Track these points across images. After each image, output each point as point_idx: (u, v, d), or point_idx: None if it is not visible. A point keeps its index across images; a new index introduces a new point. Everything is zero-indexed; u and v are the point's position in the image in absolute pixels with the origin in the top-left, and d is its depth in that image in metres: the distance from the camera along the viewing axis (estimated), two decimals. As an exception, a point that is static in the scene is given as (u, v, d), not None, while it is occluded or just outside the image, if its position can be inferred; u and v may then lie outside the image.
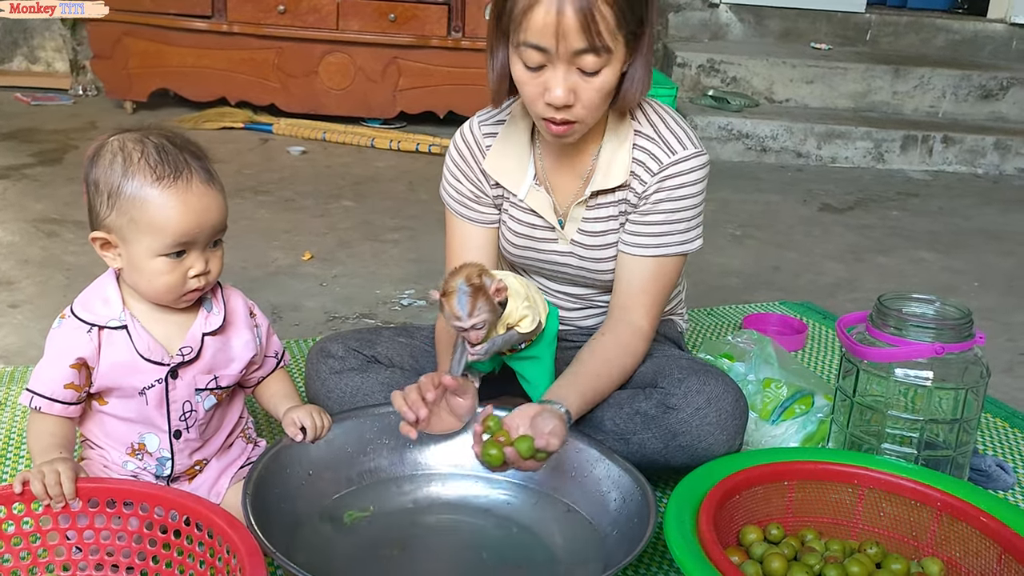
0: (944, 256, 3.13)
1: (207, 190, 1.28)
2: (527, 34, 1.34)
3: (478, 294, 1.36)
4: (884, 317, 1.54)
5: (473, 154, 1.61)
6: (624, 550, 1.32)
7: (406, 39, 4.39)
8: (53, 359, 1.29)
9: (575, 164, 1.57)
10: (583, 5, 1.30)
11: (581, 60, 1.35)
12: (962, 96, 4.72)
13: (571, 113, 1.40)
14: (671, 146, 1.51)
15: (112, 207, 1.25)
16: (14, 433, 1.70)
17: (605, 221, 1.57)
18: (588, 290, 1.66)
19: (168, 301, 1.31)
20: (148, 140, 1.27)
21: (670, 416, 1.45)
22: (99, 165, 1.26)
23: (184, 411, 1.34)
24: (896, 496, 1.40)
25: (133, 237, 1.26)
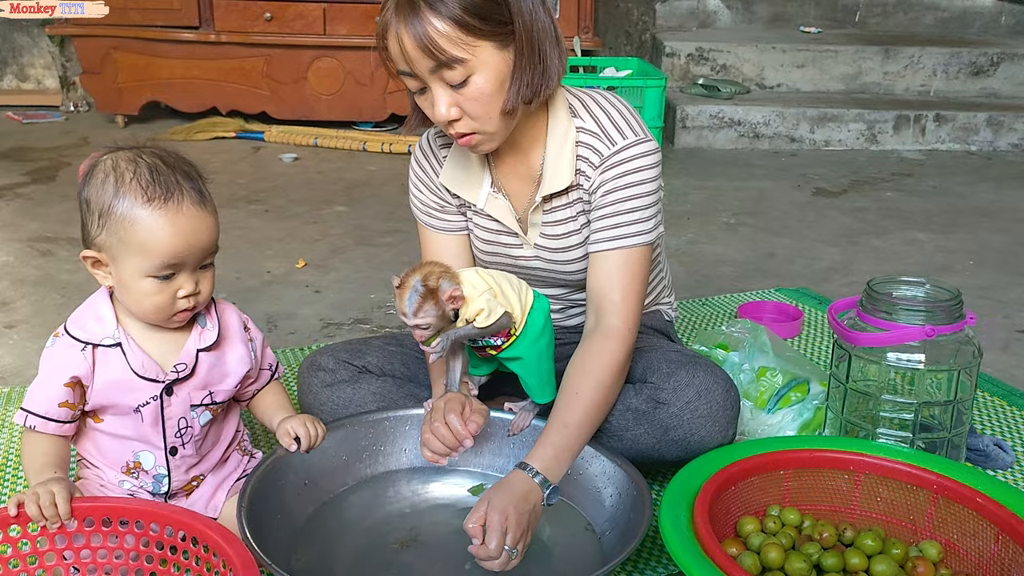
0: (939, 236, 3.13)
1: (198, 212, 1.27)
2: (391, 63, 1.39)
3: (428, 296, 1.35)
4: (874, 302, 1.54)
5: (432, 165, 1.62)
6: (620, 546, 1.32)
7: (394, 41, 4.38)
8: (47, 378, 1.29)
9: (526, 169, 1.56)
10: (417, 29, 1.32)
11: (443, 75, 1.36)
12: (953, 73, 4.72)
13: (464, 125, 1.41)
14: (612, 137, 1.49)
15: (103, 226, 1.25)
16: (12, 453, 1.70)
17: (564, 223, 1.56)
18: (563, 290, 1.66)
19: (157, 321, 1.31)
20: (141, 159, 1.26)
21: (661, 411, 1.45)
22: (92, 184, 1.26)
23: (180, 427, 1.34)
24: (892, 480, 1.40)
25: (122, 257, 1.26)
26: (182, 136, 4.30)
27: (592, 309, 1.51)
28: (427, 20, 1.32)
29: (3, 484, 1.62)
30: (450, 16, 1.32)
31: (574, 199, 1.54)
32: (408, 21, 1.33)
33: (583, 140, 1.50)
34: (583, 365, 1.44)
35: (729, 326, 1.99)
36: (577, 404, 1.42)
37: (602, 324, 1.47)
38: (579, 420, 1.41)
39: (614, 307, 1.47)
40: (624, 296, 1.48)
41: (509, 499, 1.31)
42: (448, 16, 1.32)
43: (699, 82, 4.55)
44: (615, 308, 1.47)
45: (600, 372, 1.43)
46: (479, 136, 1.43)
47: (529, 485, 1.34)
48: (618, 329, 1.46)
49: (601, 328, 1.46)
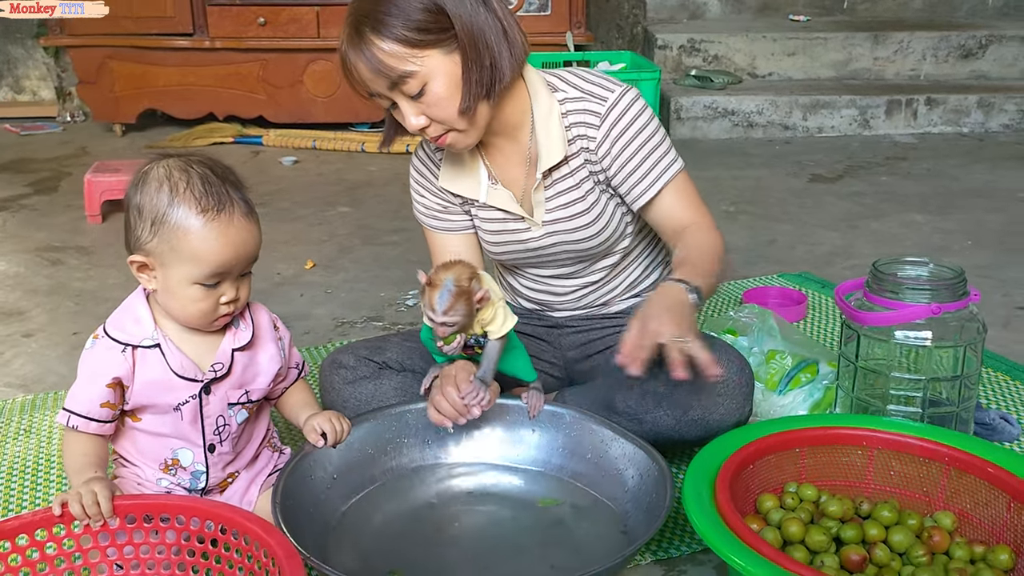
0: (936, 217, 3.18)
1: (247, 223, 1.31)
2: (355, 86, 1.47)
3: (461, 296, 1.39)
4: (880, 282, 1.58)
5: (430, 169, 1.70)
6: (644, 525, 1.36)
7: (388, 42, 4.41)
8: (88, 379, 1.33)
9: (518, 154, 1.63)
10: (365, 55, 1.41)
11: (401, 90, 1.44)
12: (942, 57, 4.76)
13: (435, 129, 1.49)
14: (599, 95, 1.57)
15: (155, 233, 1.28)
16: (42, 458, 1.74)
17: (569, 192, 1.62)
18: (579, 265, 1.71)
19: (199, 326, 1.35)
20: (193, 169, 1.30)
21: (679, 392, 1.49)
22: (145, 191, 1.29)
23: (218, 425, 1.38)
24: (904, 454, 1.44)
25: (172, 264, 1.29)
26: (181, 143, 4.32)
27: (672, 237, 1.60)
28: (373, 44, 1.41)
29: (35, 487, 1.65)
30: (392, 36, 1.41)
31: (576, 166, 1.60)
32: (357, 48, 1.42)
33: (571, 108, 1.58)
34: (686, 240, 1.55)
35: (737, 311, 2.04)
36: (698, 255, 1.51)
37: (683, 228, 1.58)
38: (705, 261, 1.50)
39: (693, 223, 1.58)
40: (695, 216, 1.59)
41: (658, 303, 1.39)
42: (390, 36, 1.40)
43: (692, 73, 4.59)
44: (694, 223, 1.58)
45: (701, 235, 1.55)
46: (453, 135, 1.51)
47: (674, 288, 1.42)
48: (700, 223, 1.58)
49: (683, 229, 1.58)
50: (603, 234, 1.65)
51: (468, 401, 1.47)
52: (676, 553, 1.45)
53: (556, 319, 1.79)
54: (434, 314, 1.41)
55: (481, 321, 1.45)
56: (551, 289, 1.75)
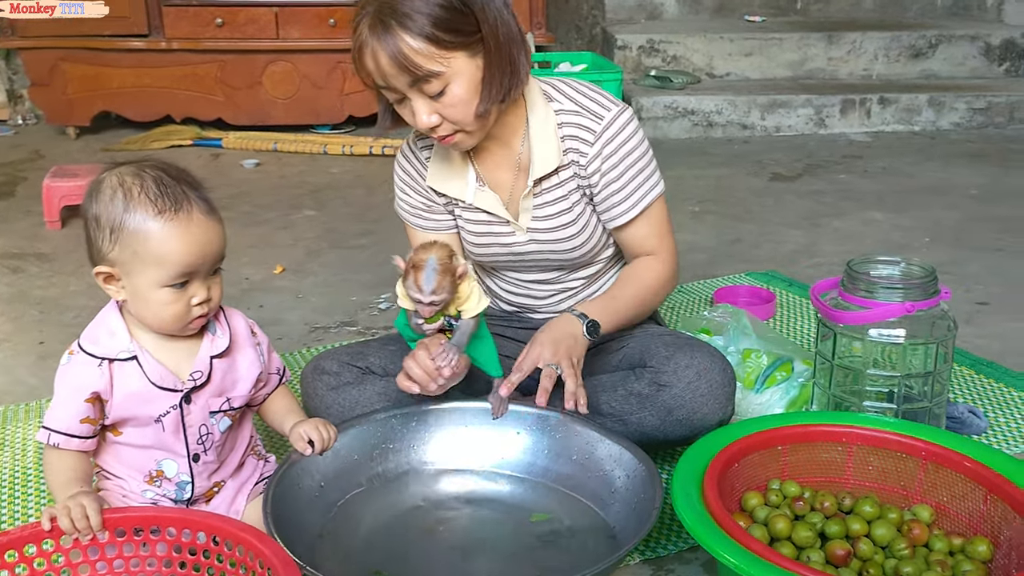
0: (894, 215, 3.24)
1: (207, 220, 1.31)
2: (368, 78, 1.46)
3: (446, 274, 1.43)
4: (854, 281, 1.62)
5: (416, 168, 1.71)
6: (633, 526, 1.38)
7: (348, 43, 4.36)
8: (67, 395, 1.31)
9: (508, 159, 1.65)
10: (391, 48, 1.40)
11: (422, 88, 1.44)
12: (893, 57, 4.86)
13: (445, 129, 1.50)
14: (595, 112, 1.60)
15: (115, 242, 1.28)
16: (18, 471, 1.71)
17: (557, 203, 1.64)
18: (557, 272, 1.73)
19: (174, 330, 1.33)
20: (146, 173, 1.29)
21: (664, 393, 1.51)
22: (99, 201, 1.28)
23: (201, 434, 1.37)
24: (882, 450, 1.48)
25: (137, 270, 1.28)
26: (138, 146, 4.26)
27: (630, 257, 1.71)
28: (400, 38, 1.39)
29: (13, 501, 1.62)
30: (421, 33, 1.39)
31: (566, 177, 1.63)
32: (382, 40, 1.40)
33: (566, 121, 1.60)
34: (631, 271, 1.68)
35: (711, 311, 2.07)
36: (624, 291, 1.65)
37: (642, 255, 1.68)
38: (625, 299, 1.64)
39: (654, 251, 1.67)
40: (660, 242, 1.68)
41: (548, 331, 1.56)
42: (419, 33, 1.39)
43: (651, 73, 4.64)
44: (655, 251, 1.67)
45: (646, 275, 1.67)
46: (460, 135, 1.53)
47: (568, 319, 1.58)
48: (658, 257, 1.67)
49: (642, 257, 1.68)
50: (586, 245, 1.67)
51: (439, 362, 1.48)
52: (664, 552, 1.47)
53: (536, 322, 1.80)
54: (422, 294, 1.43)
55: (457, 300, 1.48)
56: (530, 293, 1.77)
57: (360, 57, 1.44)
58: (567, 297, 1.76)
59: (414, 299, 1.45)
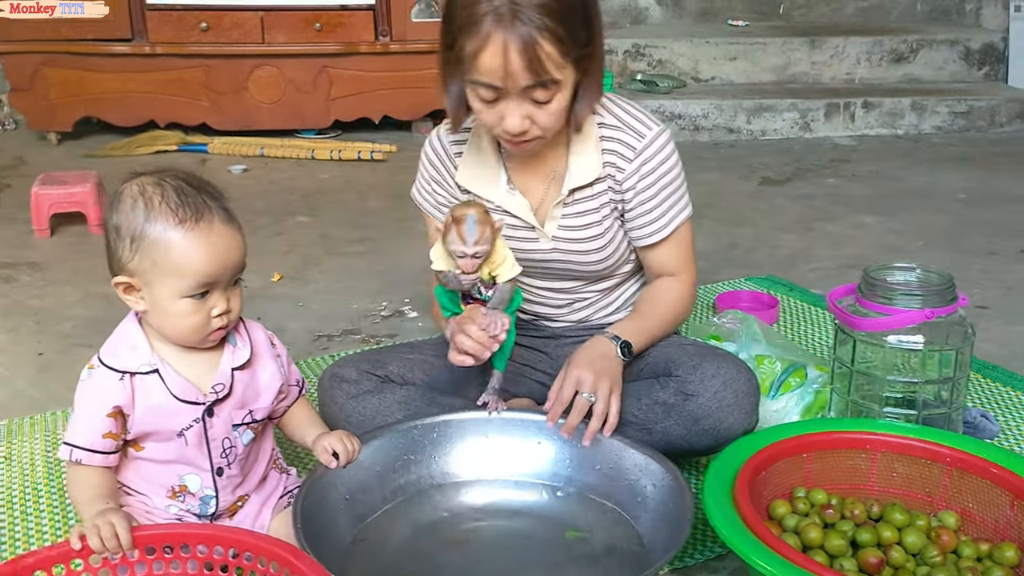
0: (885, 219, 3.27)
1: (228, 230, 1.29)
2: (478, 74, 1.43)
3: (486, 224, 1.44)
4: (872, 288, 1.63)
5: (444, 164, 1.71)
6: (664, 537, 1.38)
7: (334, 47, 4.37)
8: (88, 410, 1.29)
9: (543, 166, 1.66)
10: (526, 47, 1.39)
11: (532, 93, 1.44)
12: (876, 61, 4.91)
13: (530, 134, 1.51)
14: (637, 131, 1.61)
15: (135, 251, 1.26)
16: (28, 487, 1.67)
17: (586, 215, 1.65)
18: (574, 283, 1.73)
19: (194, 342, 1.31)
20: (166, 183, 1.28)
21: (690, 403, 1.51)
22: (120, 210, 1.27)
23: (224, 447, 1.35)
24: (907, 456, 1.49)
25: (157, 280, 1.27)
26: (122, 151, 4.21)
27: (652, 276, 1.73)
28: (536, 40, 1.38)
29: (26, 518, 1.59)
30: (557, 40, 1.40)
31: (600, 191, 1.63)
32: (516, 36, 1.38)
33: (606, 135, 1.60)
34: (655, 291, 1.70)
35: (720, 317, 2.07)
36: (651, 310, 1.66)
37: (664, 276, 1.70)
38: (653, 318, 1.65)
39: (676, 273, 1.69)
40: (679, 268, 1.69)
41: (584, 354, 1.55)
42: (555, 40, 1.40)
43: (638, 78, 4.65)
44: (677, 273, 1.69)
45: (669, 295, 1.68)
46: (537, 141, 1.54)
47: (602, 342, 1.57)
48: (680, 278, 1.69)
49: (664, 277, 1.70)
50: (609, 259, 1.68)
51: (490, 331, 1.48)
52: (691, 562, 1.47)
53: (552, 329, 1.80)
54: (465, 246, 1.44)
55: (491, 263, 1.49)
56: (545, 301, 1.76)
57: (481, 48, 1.39)
58: (583, 307, 1.76)
59: (457, 252, 1.45)
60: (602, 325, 1.77)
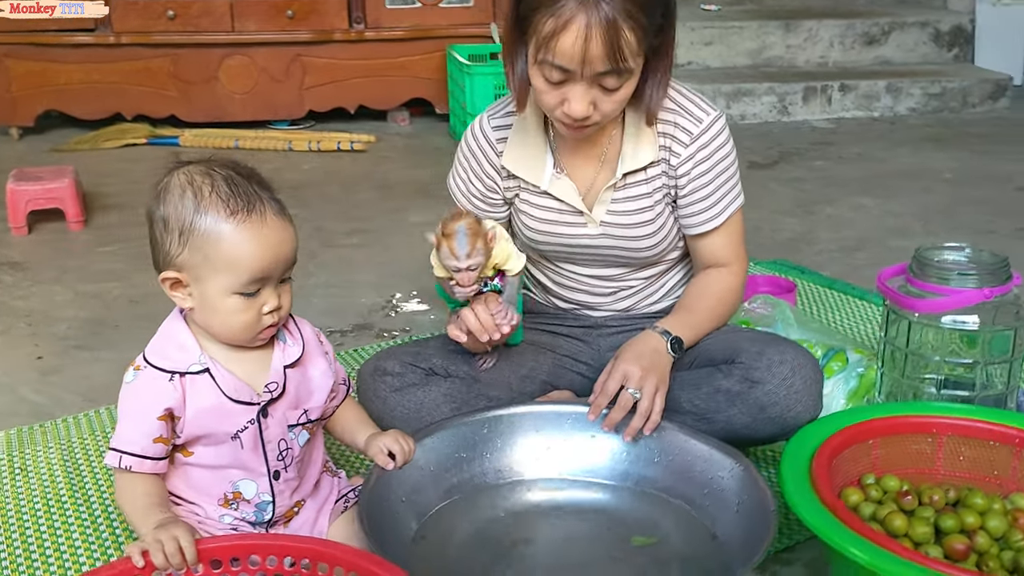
0: (881, 200, 3.27)
1: (280, 223, 1.21)
2: (552, 55, 1.38)
3: (477, 237, 1.42)
4: (925, 268, 1.60)
5: (484, 152, 1.65)
6: (740, 530, 1.33)
7: (307, 35, 4.26)
8: (137, 414, 1.21)
9: (594, 149, 1.60)
10: (610, 34, 1.34)
11: (603, 79, 1.40)
12: (849, 44, 4.93)
13: (588, 120, 1.46)
14: (695, 115, 1.56)
15: (184, 244, 1.18)
16: (52, 499, 1.57)
17: (638, 200, 1.59)
18: (621, 270, 1.68)
19: (243, 340, 1.24)
20: (216, 172, 1.20)
21: (756, 390, 1.46)
22: (168, 201, 1.19)
23: (280, 449, 1.28)
24: (974, 439, 1.46)
25: (207, 275, 1.19)
26: (89, 145, 4.06)
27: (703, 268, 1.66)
28: (620, 27, 1.34)
29: (54, 533, 1.49)
30: (639, 29, 1.36)
31: (653, 175, 1.58)
32: (600, 23, 1.34)
33: (664, 118, 1.56)
34: (704, 283, 1.64)
35: (751, 302, 2.03)
36: (701, 303, 1.61)
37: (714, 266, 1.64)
38: (702, 312, 1.60)
39: (726, 262, 1.64)
40: (730, 258, 1.64)
41: (631, 349, 1.50)
42: (637, 29, 1.36)
43: (616, 63, 4.60)
44: (727, 262, 1.64)
45: (719, 287, 1.62)
46: (594, 127, 1.49)
47: (652, 337, 1.53)
48: (731, 269, 1.64)
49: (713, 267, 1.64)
50: (659, 245, 1.63)
51: (498, 320, 1.48)
52: (764, 553, 1.43)
53: (594, 319, 1.74)
54: (458, 261, 1.42)
55: (496, 261, 1.48)
56: (588, 289, 1.71)
57: (561, 28, 1.34)
58: (628, 295, 1.71)
59: (451, 267, 1.44)
60: (646, 314, 1.72)
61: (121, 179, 3.59)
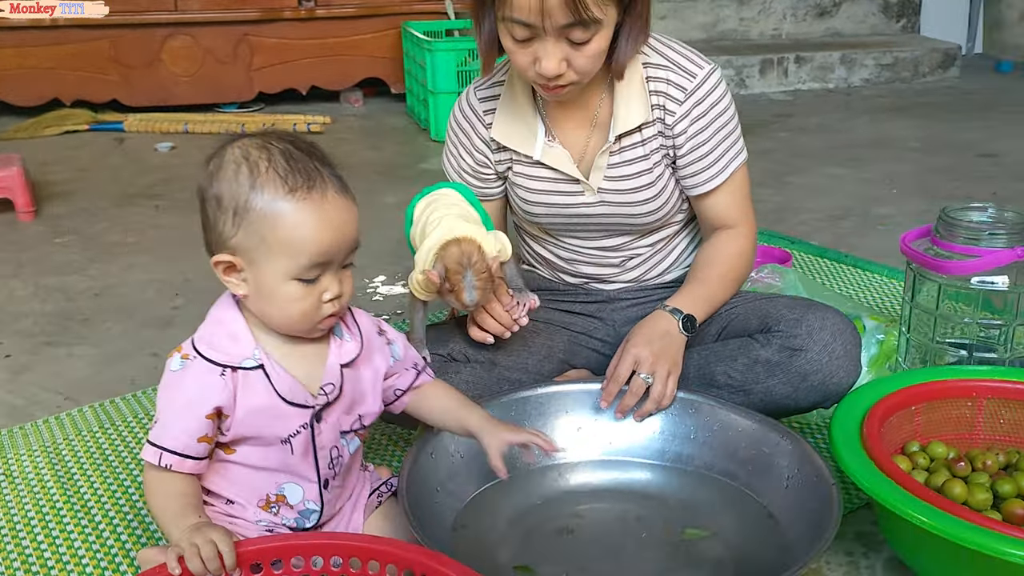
0: (852, 169, 3.26)
1: (343, 201, 1.09)
2: (512, 10, 1.32)
3: (484, 280, 1.37)
4: (952, 228, 1.57)
5: (473, 126, 1.59)
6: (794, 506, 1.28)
7: (254, 13, 4.10)
8: (182, 408, 1.09)
9: (585, 113, 1.54)
10: None
11: (570, 32, 1.33)
12: (800, 16, 4.94)
13: (566, 79, 1.40)
14: (687, 70, 1.50)
15: (239, 225, 1.06)
16: (46, 508, 1.45)
17: (635, 163, 1.53)
18: (624, 238, 1.61)
19: (301, 331, 1.12)
20: (272, 145, 1.08)
21: (798, 358, 1.41)
22: (221, 178, 1.08)
23: (331, 457, 1.17)
24: (1013, 401, 1.43)
25: (264, 259, 1.07)
26: (27, 133, 3.85)
27: (711, 230, 1.59)
28: None
29: (36, 543, 1.37)
30: None
31: (649, 136, 1.52)
32: None
33: (655, 75, 1.49)
34: (713, 249, 1.57)
35: (757, 272, 1.98)
36: (711, 272, 1.53)
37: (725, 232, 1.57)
38: (714, 281, 1.53)
39: (734, 221, 1.57)
40: (738, 218, 1.57)
41: (641, 332, 1.45)
42: None
43: (572, 39, 4.53)
44: (735, 222, 1.57)
45: (729, 250, 1.55)
46: (572, 88, 1.41)
47: (662, 317, 1.46)
48: (739, 230, 1.57)
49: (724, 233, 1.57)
50: (661, 209, 1.56)
51: (515, 315, 1.46)
52: (812, 528, 1.38)
53: (607, 292, 1.67)
54: (466, 307, 1.39)
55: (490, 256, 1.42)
56: (594, 260, 1.64)
57: None
58: (636, 264, 1.64)
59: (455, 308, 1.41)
60: (658, 285, 1.66)
61: (67, 167, 3.41)
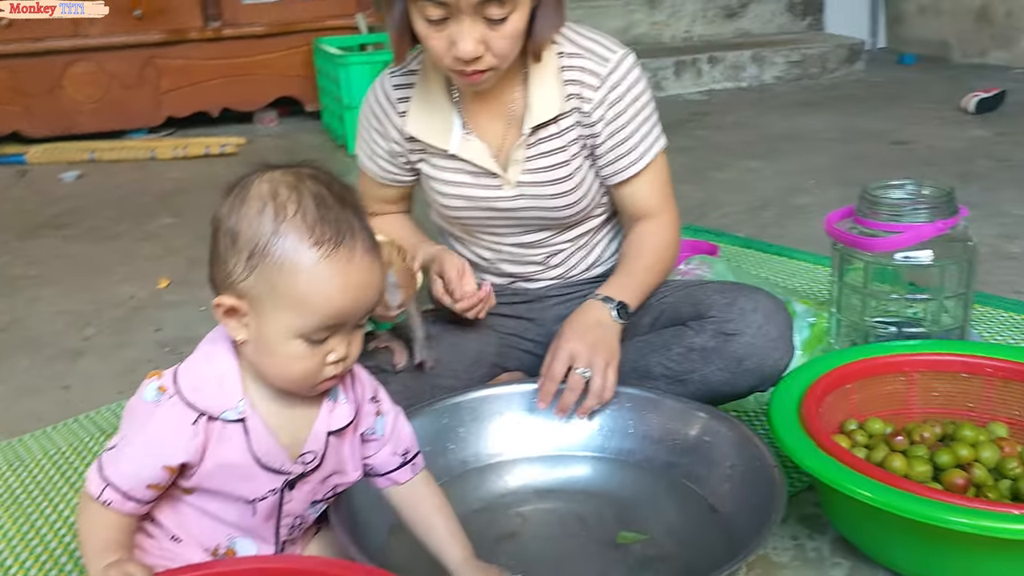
0: (769, 163, 3.30)
1: (370, 262, 0.99)
2: None
3: (408, 280, 1.35)
4: (875, 207, 1.57)
5: (387, 112, 1.55)
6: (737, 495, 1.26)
7: (159, 36, 4.00)
8: (141, 449, 0.99)
9: (501, 104, 1.50)
10: None
11: (486, 10, 1.30)
12: (710, 18, 5.01)
13: (485, 63, 1.35)
14: (601, 55, 1.48)
15: (252, 269, 0.95)
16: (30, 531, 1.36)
17: (554, 154, 1.50)
18: (545, 233, 1.58)
19: (300, 390, 1.02)
20: (305, 186, 0.97)
21: (733, 343, 1.39)
22: (243, 214, 0.96)
23: (294, 524, 1.10)
24: (945, 373, 1.44)
25: (271, 310, 0.96)
26: (-77, 170, 3.68)
27: (632, 219, 1.56)
28: None
29: None
30: None
31: (567, 126, 1.49)
32: None
33: (568, 64, 1.46)
34: (637, 240, 1.53)
35: (686, 264, 1.97)
36: (638, 263, 1.50)
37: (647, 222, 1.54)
38: (641, 271, 1.49)
39: (657, 210, 1.54)
40: (660, 206, 1.54)
41: (572, 324, 1.41)
42: None
43: (486, 48, 4.52)
44: (658, 210, 1.54)
45: (653, 241, 1.52)
46: (491, 74, 1.38)
47: (593, 307, 1.42)
48: (660, 219, 1.54)
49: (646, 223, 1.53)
50: (580, 203, 1.53)
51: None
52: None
53: (533, 291, 1.64)
54: (388, 310, 1.33)
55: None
56: (515, 258, 1.60)
57: None
58: (559, 261, 1.61)
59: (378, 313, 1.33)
60: (584, 280, 1.63)
61: (-34, 202, 3.27)
